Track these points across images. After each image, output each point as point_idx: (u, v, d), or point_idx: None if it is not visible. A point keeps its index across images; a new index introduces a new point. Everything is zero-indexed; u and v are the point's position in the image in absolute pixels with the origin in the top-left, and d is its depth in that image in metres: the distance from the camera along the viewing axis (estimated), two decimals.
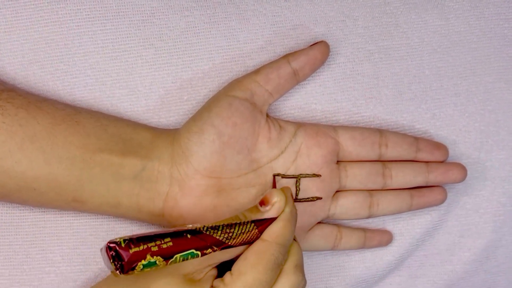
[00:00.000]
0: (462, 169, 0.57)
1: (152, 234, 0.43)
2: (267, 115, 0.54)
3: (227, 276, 0.45)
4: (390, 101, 0.58)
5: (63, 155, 0.49)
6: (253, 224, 0.46)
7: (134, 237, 0.42)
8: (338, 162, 0.55)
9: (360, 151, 0.55)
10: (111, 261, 0.42)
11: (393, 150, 0.56)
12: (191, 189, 0.51)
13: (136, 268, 0.42)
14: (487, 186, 0.60)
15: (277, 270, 0.46)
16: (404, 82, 0.58)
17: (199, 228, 0.44)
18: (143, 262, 0.42)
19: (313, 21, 0.57)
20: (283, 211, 0.47)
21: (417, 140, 0.57)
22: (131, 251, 0.42)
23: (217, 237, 0.45)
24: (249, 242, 0.46)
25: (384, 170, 0.55)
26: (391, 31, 0.58)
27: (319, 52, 0.54)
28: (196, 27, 0.56)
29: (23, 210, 0.55)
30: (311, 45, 0.55)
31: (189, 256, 0.44)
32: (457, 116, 0.59)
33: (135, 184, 0.51)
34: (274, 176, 0.53)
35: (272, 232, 0.46)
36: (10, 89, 0.50)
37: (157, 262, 0.43)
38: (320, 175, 0.54)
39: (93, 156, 0.50)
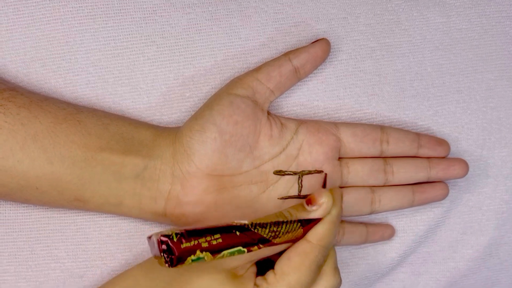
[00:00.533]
0: (464, 164, 0.57)
1: (203, 228, 0.43)
2: (268, 113, 0.54)
3: (270, 275, 0.46)
4: (392, 98, 0.58)
5: (65, 154, 0.49)
6: (299, 224, 0.46)
7: (185, 231, 0.43)
8: (340, 158, 0.55)
9: (362, 147, 0.55)
10: (161, 254, 0.42)
11: (395, 146, 0.56)
12: (193, 187, 0.51)
13: (185, 262, 0.42)
14: (490, 183, 0.60)
15: (318, 271, 0.47)
16: (406, 79, 0.58)
17: (247, 225, 0.45)
18: (193, 257, 0.43)
19: (314, 18, 0.57)
20: (329, 213, 0.47)
21: (418, 136, 0.57)
22: (182, 246, 0.42)
23: (264, 235, 0.45)
24: (292, 241, 0.47)
25: (385, 166, 0.55)
26: (393, 28, 0.58)
27: (320, 49, 0.54)
28: (198, 24, 0.56)
29: (27, 207, 0.55)
30: (312, 43, 0.55)
31: (236, 253, 0.44)
32: (459, 114, 0.59)
33: (136, 183, 0.50)
34: (326, 175, 0.53)
35: (317, 234, 0.47)
36: (11, 88, 0.50)
37: (205, 257, 0.43)
38: (322, 171, 0.54)
39: (95, 155, 0.50)
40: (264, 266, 0.48)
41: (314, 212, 0.47)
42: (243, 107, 0.52)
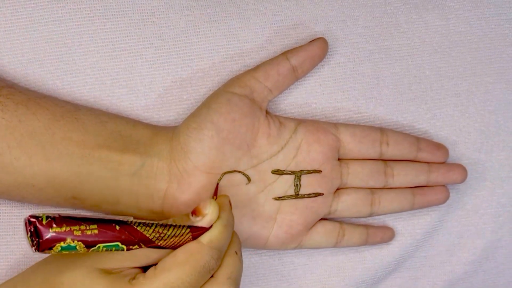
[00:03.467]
0: (463, 170, 0.57)
1: (79, 217, 0.41)
2: (267, 112, 0.54)
3: (151, 270, 0.44)
4: (390, 101, 0.58)
5: (62, 151, 0.49)
6: (188, 229, 0.44)
7: (59, 215, 0.40)
8: (340, 159, 0.55)
9: (361, 148, 0.55)
10: (29, 235, 0.40)
11: (394, 148, 0.56)
12: (190, 185, 0.51)
13: (53, 248, 0.40)
14: (487, 186, 0.60)
15: (206, 275, 0.44)
16: (405, 82, 0.58)
17: (130, 222, 0.43)
18: (62, 244, 0.40)
19: (313, 21, 0.57)
20: (218, 217, 0.45)
21: (418, 140, 0.57)
22: (51, 230, 0.40)
23: (147, 235, 0.43)
24: (180, 246, 0.44)
25: (386, 168, 0.56)
26: (392, 31, 0.58)
27: (318, 48, 0.54)
28: (196, 26, 0.56)
29: (21, 209, 0.54)
30: (310, 42, 0.55)
31: (114, 248, 0.42)
32: (457, 117, 0.59)
33: (133, 181, 0.50)
34: (217, 184, 0.51)
35: (207, 235, 0.45)
36: (10, 86, 0.50)
37: (77, 247, 0.40)
38: (321, 171, 0.54)
39: (92, 152, 0.50)
40: None
41: (198, 223, 0.45)
42: (240, 105, 0.52)
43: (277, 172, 0.53)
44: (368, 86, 0.58)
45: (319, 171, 0.54)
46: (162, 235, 0.43)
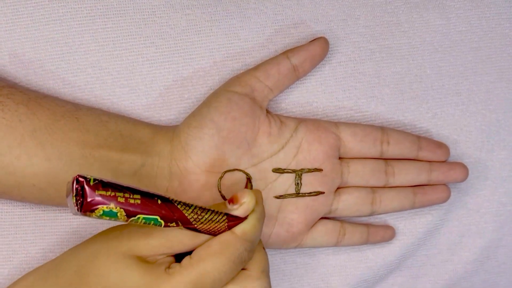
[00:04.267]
0: (464, 169, 0.57)
1: (124, 185, 0.41)
2: (268, 111, 0.54)
3: (186, 259, 0.44)
4: (391, 100, 0.58)
5: (62, 151, 0.49)
6: (225, 216, 0.44)
7: (105, 180, 0.40)
8: (340, 158, 0.55)
9: (362, 147, 0.55)
10: (74, 194, 0.39)
11: (395, 147, 0.56)
12: (191, 184, 0.51)
13: (95, 211, 0.40)
14: (488, 185, 0.60)
15: (239, 266, 0.44)
16: (406, 81, 0.58)
17: (172, 199, 0.43)
18: (105, 208, 0.40)
19: (314, 20, 0.57)
20: (253, 210, 0.45)
21: (419, 138, 0.57)
22: (97, 192, 0.39)
23: (186, 214, 0.43)
24: (214, 234, 0.45)
25: (386, 167, 0.55)
26: (393, 30, 0.58)
27: (319, 47, 0.54)
28: (197, 25, 0.56)
29: (23, 208, 0.54)
30: (310, 41, 0.55)
31: (152, 222, 0.42)
32: (458, 116, 0.59)
33: (134, 181, 0.50)
34: (248, 178, 0.52)
35: (241, 228, 0.45)
36: (10, 86, 0.50)
37: (118, 214, 0.40)
38: (322, 170, 0.54)
39: (93, 152, 0.49)
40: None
41: (234, 211, 0.45)
42: (241, 104, 0.52)
43: (278, 170, 0.53)
44: (369, 85, 0.58)
45: (320, 170, 0.54)
46: (200, 217, 0.43)
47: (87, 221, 0.55)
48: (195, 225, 0.43)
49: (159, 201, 0.42)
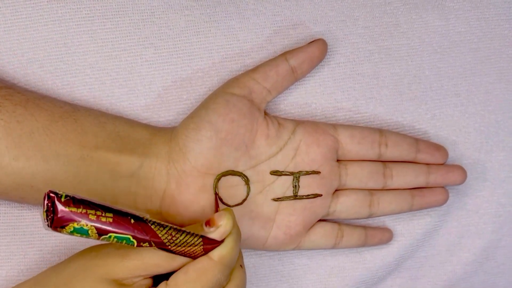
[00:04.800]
0: (462, 171, 0.57)
1: (97, 202, 0.41)
2: (266, 113, 0.54)
3: (162, 285, 0.44)
4: (390, 102, 0.58)
5: (60, 152, 0.49)
6: (200, 239, 0.44)
7: (78, 197, 0.40)
8: (338, 160, 0.55)
9: (360, 149, 0.55)
10: (44, 210, 0.40)
11: (393, 150, 0.56)
12: (188, 186, 0.51)
13: (66, 228, 0.40)
14: (487, 186, 0.60)
15: None
16: (404, 82, 0.58)
17: (146, 218, 0.43)
18: (75, 225, 0.40)
19: (313, 21, 0.57)
20: (230, 233, 0.45)
21: (417, 141, 0.56)
22: (67, 209, 0.39)
23: (160, 235, 0.43)
24: (190, 256, 0.44)
25: (385, 170, 0.55)
26: (391, 31, 0.58)
27: (317, 49, 0.54)
28: (196, 26, 0.56)
29: (21, 210, 0.54)
30: (309, 43, 0.55)
31: (124, 241, 0.42)
32: (457, 117, 0.59)
33: (132, 182, 0.50)
34: (216, 195, 0.51)
35: (218, 252, 0.44)
36: (8, 87, 0.50)
37: (89, 232, 0.40)
38: (319, 172, 0.54)
39: (90, 153, 0.49)
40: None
41: (211, 234, 0.45)
42: (239, 106, 0.52)
43: (276, 173, 0.53)
44: (368, 86, 0.58)
45: (317, 172, 0.54)
46: (174, 238, 0.43)
47: None
48: (169, 247, 0.43)
49: (132, 220, 0.42)
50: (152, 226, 0.42)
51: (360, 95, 0.57)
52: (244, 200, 0.53)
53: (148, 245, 0.42)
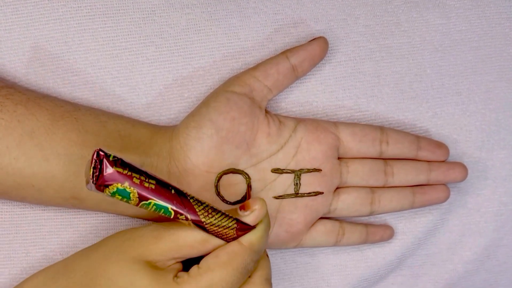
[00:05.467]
0: (463, 168, 0.57)
1: (143, 169, 0.42)
2: (266, 111, 0.54)
3: (194, 268, 0.44)
4: (391, 100, 0.58)
5: (61, 151, 0.49)
6: (234, 222, 0.45)
7: (125, 159, 0.41)
8: (340, 158, 0.55)
9: (361, 147, 0.55)
10: (92, 166, 0.40)
11: (394, 147, 0.55)
12: (190, 184, 0.51)
13: (109, 187, 0.40)
14: (489, 185, 0.60)
15: (245, 276, 0.45)
16: (405, 80, 0.58)
17: (186, 192, 0.43)
18: (119, 185, 0.41)
19: (314, 19, 0.57)
20: (261, 221, 0.46)
21: (418, 138, 0.56)
22: (114, 169, 0.40)
23: (197, 210, 0.43)
24: (222, 237, 0.45)
25: (386, 167, 0.55)
26: (392, 29, 0.58)
27: (318, 47, 0.54)
28: (196, 24, 0.56)
29: (23, 208, 0.54)
30: (309, 41, 0.55)
31: (162, 210, 0.42)
32: (458, 115, 0.59)
33: None
34: (249, 185, 0.52)
35: (249, 238, 0.45)
36: (9, 86, 0.50)
37: (131, 195, 0.41)
38: (321, 170, 0.54)
39: (91, 152, 0.49)
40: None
41: (245, 217, 0.45)
42: (240, 104, 0.52)
43: (277, 171, 0.53)
44: (369, 84, 0.58)
45: (319, 170, 0.54)
46: (210, 216, 0.44)
47: (87, 221, 0.55)
48: (204, 224, 0.44)
49: (173, 191, 0.42)
50: (191, 201, 0.43)
51: (361, 93, 0.57)
52: (244, 197, 0.53)
53: (184, 219, 0.43)
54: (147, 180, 0.42)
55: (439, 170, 0.56)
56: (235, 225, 0.45)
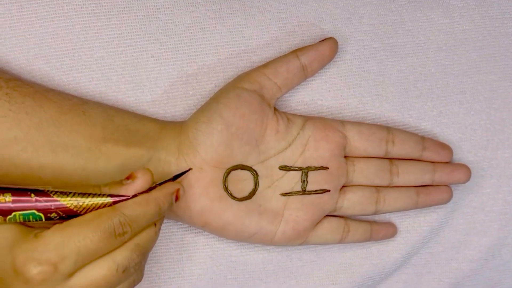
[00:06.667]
0: (467, 170, 0.57)
1: None
2: (275, 109, 0.54)
3: (57, 224, 0.43)
4: (396, 99, 0.58)
5: (69, 144, 0.49)
6: (109, 198, 0.44)
7: None
8: (346, 157, 0.55)
9: (367, 146, 0.55)
10: None
11: (400, 147, 0.56)
12: (198, 179, 0.51)
13: None
14: (493, 184, 0.60)
15: (111, 238, 0.43)
16: (410, 79, 0.58)
17: (47, 190, 0.43)
18: None
19: (318, 18, 0.57)
20: (147, 192, 0.45)
21: (423, 139, 0.57)
22: None
23: (64, 202, 0.43)
24: None
25: (391, 167, 0.55)
26: (397, 28, 0.58)
27: (328, 48, 0.54)
28: (201, 22, 0.56)
29: None
30: (320, 41, 0.55)
31: (31, 217, 0.42)
32: (462, 114, 0.59)
33: None
34: (188, 170, 0.50)
35: (122, 203, 0.45)
36: (17, 79, 0.50)
37: None
38: (328, 168, 0.54)
39: (99, 146, 0.49)
40: None
41: (127, 186, 0.45)
42: (250, 101, 0.52)
43: (285, 168, 0.53)
44: (374, 83, 0.58)
45: (326, 168, 0.54)
46: (80, 203, 0.43)
47: None
48: (78, 211, 0.43)
49: (33, 195, 0.42)
50: (55, 196, 0.42)
51: (366, 92, 0.57)
52: (252, 194, 0.53)
53: (56, 215, 0.42)
54: (2, 196, 0.41)
55: (443, 171, 0.56)
56: (110, 202, 0.44)
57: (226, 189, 0.52)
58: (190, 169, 0.50)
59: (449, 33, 0.59)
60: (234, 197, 0.52)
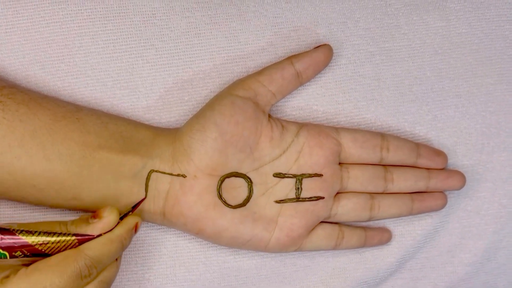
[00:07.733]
0: (461, 177, 0.57)
1: None
2: (270, 116, 0.54)
3: (23, 269, 0.44)
4: (391, 103, 0.58)
5: (63, 151, 0.49)
6: (74, 237, 0.44)
7: None
8: (340, 164, 0.55)
9: (362, 153, 0.55)
10: None
11: (395, 154, 0.56)
12: (192, 187, 0.51)
13: None
14: (488, 187, 0.60)
15: (77, 282, 0.44)
16: (405, 83, 0.58)
17: (13, 229, 0.43)
18: None
19: (314, 23, 0.57)
20: (111, 231, 0.46)
21: (418, 146, 0.57)
22: None
23: (29, 241, 0.43)
24: None
25: (385, 173, 0.55)
26: (392, 32, 0.58)
27: (323, 54, 0.54)
28: (197, 28, 0.56)
29: (23, 209, 0.54)
30: (315, 48, 0.55)
31: None
32: (458, 118, 0.59)
33: (134, 183, 0.50)
34: (142, 200, 0.50)
35: (87, 244, 0.45)
36: (11, 86, 0.50)
37: None
38: (322, 175, 0.54)
39: (93, 153, 0.49)
40: None
41: (93, 225, 0.46)
42: (244, 108, 0.52)
43: (279, 175, 0.53)
44: (369, 87, 0.58)
45: (320, 175, 0.54)
46: (45, 242, 0.44)
47: None
48: (43, 250, 0.44)
49: None
50: (20, 235, 0.43)
51: (361, 96, 0.57)
52: (246, 201, 0.53)
53: (21, 254, 0.43)
54: None
55: (438, 177, 0.56)
56: (76, 241, 0.44)
57: (220, 196, 0.52)
58: (144, 198, 0.50)
59: (445, 36, 0.59)
60: (228, 205, 0.52)
